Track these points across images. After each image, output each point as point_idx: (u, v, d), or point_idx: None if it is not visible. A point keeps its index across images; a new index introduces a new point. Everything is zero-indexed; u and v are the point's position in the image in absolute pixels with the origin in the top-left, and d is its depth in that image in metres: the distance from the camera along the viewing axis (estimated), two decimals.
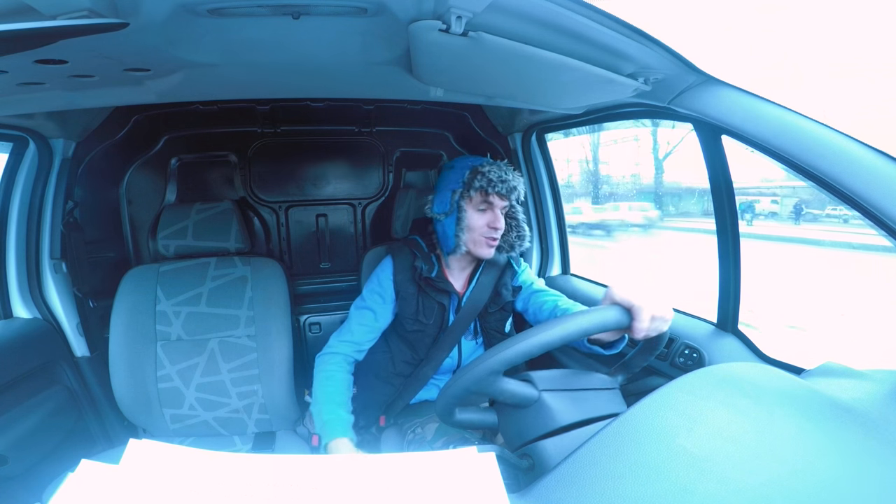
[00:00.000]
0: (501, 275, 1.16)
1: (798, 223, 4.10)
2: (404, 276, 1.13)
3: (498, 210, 1.06)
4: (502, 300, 1.15)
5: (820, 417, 0.52)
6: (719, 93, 0.85)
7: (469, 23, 0.63)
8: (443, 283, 1.11)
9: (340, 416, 1.03)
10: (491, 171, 1.05)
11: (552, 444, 0.57)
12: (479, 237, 1.07)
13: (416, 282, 1.12)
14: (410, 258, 1.14)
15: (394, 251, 1.18)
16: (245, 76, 0.92)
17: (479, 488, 0.38)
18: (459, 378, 0.61)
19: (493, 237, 1.06)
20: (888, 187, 0.66)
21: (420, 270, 1.11)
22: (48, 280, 1.26)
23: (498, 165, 1.07)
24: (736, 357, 0.99)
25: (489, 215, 1.06)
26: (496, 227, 1.06)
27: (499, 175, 1.04)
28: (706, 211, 5.64)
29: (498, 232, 1.06)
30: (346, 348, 1.12)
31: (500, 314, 1.17)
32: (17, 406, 1.10)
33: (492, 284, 1.15)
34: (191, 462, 0.39)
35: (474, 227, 1.06)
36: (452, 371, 1.18)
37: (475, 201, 1.06)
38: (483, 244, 1.07)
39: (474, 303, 1.14)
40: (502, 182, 1.04)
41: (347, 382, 1.10)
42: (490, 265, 1.16)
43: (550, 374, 0.65)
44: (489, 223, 1.06)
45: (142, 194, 1.61)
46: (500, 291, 1.15)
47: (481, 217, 1.06)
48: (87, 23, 0.55)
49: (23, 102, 0.89)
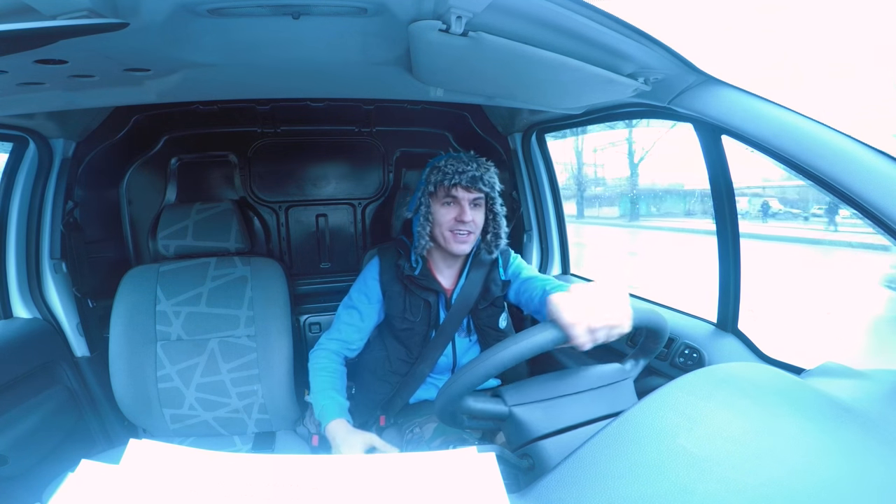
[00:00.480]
0: (490, 270, 1.15)
1: (765, 221, 4.74)
2: (389, 275, 1.13)
3: (465, 203, 1.05)
4: (491, 296, 1.15)
5: (820, 417, 0.52)
6: (719, 93, 0.85)
7: (469, 23, 0.63)
8: (427, 281, 1.11)
9: (335, 399, 1.04)
10: (448, 164, 1.05)
11: (552, 444, 0.57)
12: (447, 231, 1.06)
13: (401, 280, 1.12)
14: (395, 257, 1.14)
15: (381, 251, 1.18)
16: (245, 76, 0.92)
17: (479, 488, 0.38)
18: (453, 383, 0.63)
19: (460, 230, 1.05)
20: (888, 187, 0.66)
21: (402, 269, 1.11)
22: (48, 280, 1.26)
23: (457, 158, 1.06)
24: (736, 357, 0.98)
25: (455, 209, 1.05)
26: (463, 219, 1.04)
27: (455, 167, 1.04)
28: (666, 211, 6.02)
29: (466, 226, 1.05)
30: (335, 345, 1.13)
31: (491, 310, 1.17)
32: (17, 406, 1.10)
33: (481, 280, 1.14)
34: (191, 462, 0.39)
35: (441, 221, 1.06)
36: (449, 370, 1.18)
37: (439, 196, 1.06)
38: (451, 239, 1.06)
39: (464, 300, 1.13)
40: (459, 174, 1.03)
41: (339, 372, 1.11)
42: (478, 261, 1.15)
43: (528, 383, 0.67)
44: (456, 216, 1.05)
45: (142, 194, 1.61)
46: (489, 287, 1.14)
47: (448, 211, 1.06)
48: (87, 23, 0.55)
49: (23, 102, 0.89)
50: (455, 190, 1.04)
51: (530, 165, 1.62)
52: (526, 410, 0.62)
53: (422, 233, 1.07)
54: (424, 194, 1.08)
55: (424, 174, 1.09)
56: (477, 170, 1.05)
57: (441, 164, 1.06)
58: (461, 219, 1.04)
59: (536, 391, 0.65)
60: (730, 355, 0.99)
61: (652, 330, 0.71)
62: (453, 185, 1.04)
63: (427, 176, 1.08)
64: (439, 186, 1.05)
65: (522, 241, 1.70)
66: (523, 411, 0.62)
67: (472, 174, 1.04)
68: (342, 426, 0.99)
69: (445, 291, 1.14)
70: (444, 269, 1.16)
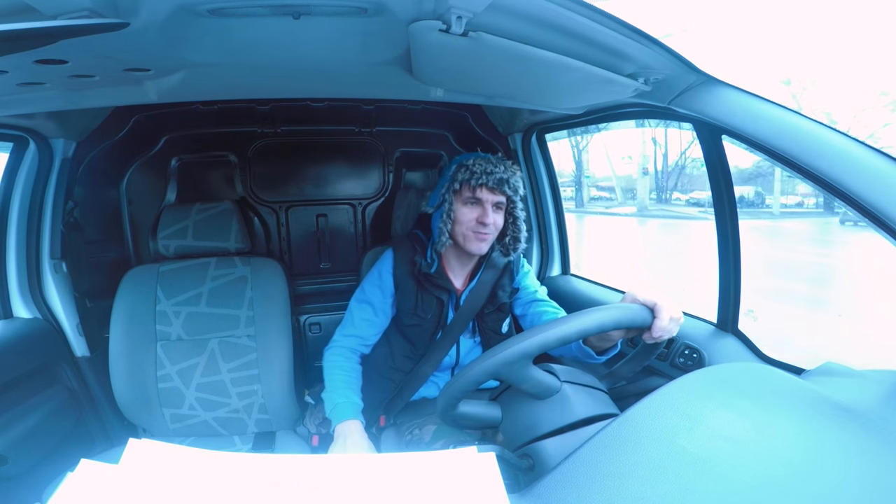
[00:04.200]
0: (501, 276, 1.15)
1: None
2: (403, 269, 1.12)
3: (488, 205, 1.04)
4: (498, 301, 1.14)
5: (820, 417, 0.51)
6: (719, 93, 0.85)
7: (469, 23, 0.63)
8: (441, 280, 1.11)
9: (351, 398, 1.03)
10: (476, 164, 1.04)
11: (552, 444, 0.57)
12: (468, 231, 1.05)
13: (416, 277, 1.11)
14: (411, 252, 1.13)
15: (396, 244, 1.17)
16: (245, 76, 0.92)
17: (479, 488, 0.38)
18: (484, 360, 0.61)
19: (481, 231, 1.05)
20: (888, 187, 0.66)
21: (419, 265, 1.10)
22: (48, 280, 1.26)
23: (486, 158, 1.06)
24: (736, 357, 0.99)
25: (478, 210, 1.05)
26: (484, 221, 1.04)
27: (483, 168, 1.03)
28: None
29: (487, 227, 1.04)
30: (350, 342, 1.12)
31: (496, 315, 1.16)
32: (17, 406, 1.10)
33: (491, 284, 1.14)
34: (191, 462, 0.39)
35: (462, 220, 1.05)
36: (451, 369, 1.18)
37: (463, 195, 1.05)
38: (472, 238, 1.05)
39: (473, 302, 1.13)
40: (487, 174, 1.02)
41: (356, 371, 1.10)
42: (491, 265, 1.15)
43: (568, 368, 0.66)
44: (478, 217, 1.04)
45: (142, 194, 1.61)
46: (496, 293, 1.14)
47: (470, 211, 1.05)
48: (87, 23, 0.55)
49: (23, 102, 0.89)
50: (480, 191, 1.03)
51: (530, 165, 1.62)
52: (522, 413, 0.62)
53: (443, 229, 1.06)
54: (448, 191, 1.06)
55: (450, 171, 1.07)
56: (504, 172, 1.04)
57: (469, 163, 1.04)
58: (483, 220, 1.04)
59: (581, 376, 0.66)
60: (730, 355, 0.99)
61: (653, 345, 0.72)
62: (479, 186, 1.03)
63: (454, 173, 1.06)
64: (465, 185, 1.04)
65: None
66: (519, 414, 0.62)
67: (499, 176, 1.03)
68: (356, 428, 0.98)
69: (456, 291, 1.14)
70: (457, 269, 1.16)
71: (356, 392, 1.06)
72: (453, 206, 1.06)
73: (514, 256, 1.14)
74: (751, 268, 1.03)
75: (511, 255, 1.13)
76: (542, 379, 0.61)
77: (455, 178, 1.05)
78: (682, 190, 16.27)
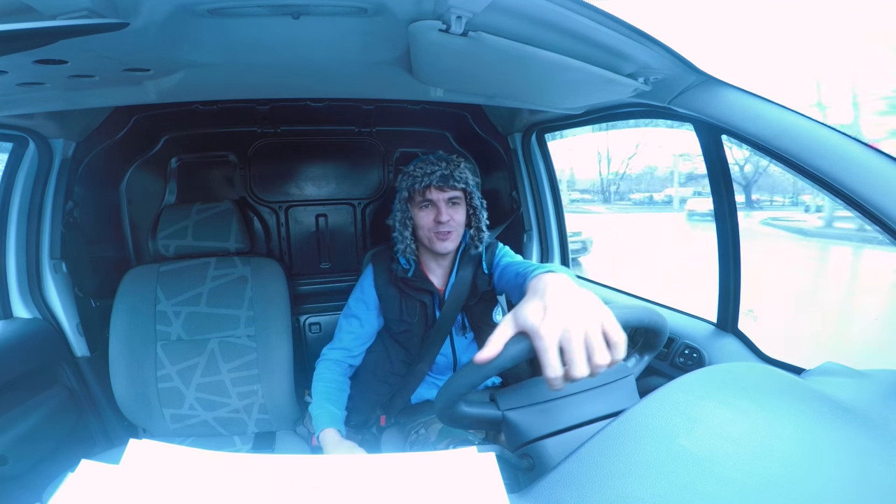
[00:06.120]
0: (478, 266, 1.16)
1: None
2: (384, 279, 1.15)
3: (442, 204, 1.05)
4: (479, 290, 1.15)
5: (820, 417, 0.51)
6: (719, 93, 0.85)
7: (469, 23, 0.63)
8: (421, 282, 1.12)
9: (328, 409, 1.06)
10: (416, 168, 1.06)
11: (552, 444, 0.57)
12: (429, 233, 1.07)
13: (396, 284, 1.13)
14: (388, 262, 1.15)
15: (374, 257, 1.20)
16: (245, 76, 0.92)
17: (479, 488, 0.38)
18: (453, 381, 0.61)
19: (441, 231, 1.06)
20: (888, 187, 0.66)
21: (396, 271, 1.12)
22: (48, 280, 1.26)
23: (426, 160, 1.07)
24: (736, 357, 0.99)
25: (432, 211, 1.06)
26: (440, 220, 1.05)
27: (424, 170, 1.05)
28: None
29: (445, 225, 1.06)
30: (337, 354, 1.15)
31: (483, 305, 1.17)
32: (17, 406, 1.10)
33: (470, 277, 1.15)
34: (191, 462, 0.39)
35: (422, 224, 1.08)
36: (449, 369, 1.19)
37: (416, 200, 1.08)
38: (434, 239, 1.07)
39: (456, 297, 1.14)
40: (428, 175, 1.04)
41: (338, 382, 1.13)
42: (467, 258, 1.15)
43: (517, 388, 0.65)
44: (435, 218, 1.06)
45: (142, 194, 1.61)
46: (476, 283, 1.15)
47: (427, 214, 1.07)
48: (87, 23, 0.55)
49: (23, 102, 0.89)
50: (429, 192, 1.05)
51: (530, 165, 1.62)
52: (520, 414, 0.62)
53: (399, 238, 1.10)
54: (400, 200, 1.09)
55: (397, 182, 1.11)
56: (446, 168, 1.05)
57: (410, 170, 1.08)
58: (438, 219, 1.05)
59: (534, 393, 0.64)
60: (730, 355, 0.99)
61: (650, 329, 0.70)
62: (426, 187, 1.04)
63: (399, 183, 1.09)
64: (413, 191, 1.06)
65: (522, 241, 1.70)
66: (517, 415, 0.62)
67: (441, 173, 1.04)
68: (332, 435, 1.01)
69: (438, 291, 1.15)
70: (435, 269, 1.17)
71: (334, 402, 1.08)
72: (410, 213, 1.08)
73: (481, 247, 1.13)
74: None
75: (479, 247, 1.13)
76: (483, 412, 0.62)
77: (401, 187, 1.08)
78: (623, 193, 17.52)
